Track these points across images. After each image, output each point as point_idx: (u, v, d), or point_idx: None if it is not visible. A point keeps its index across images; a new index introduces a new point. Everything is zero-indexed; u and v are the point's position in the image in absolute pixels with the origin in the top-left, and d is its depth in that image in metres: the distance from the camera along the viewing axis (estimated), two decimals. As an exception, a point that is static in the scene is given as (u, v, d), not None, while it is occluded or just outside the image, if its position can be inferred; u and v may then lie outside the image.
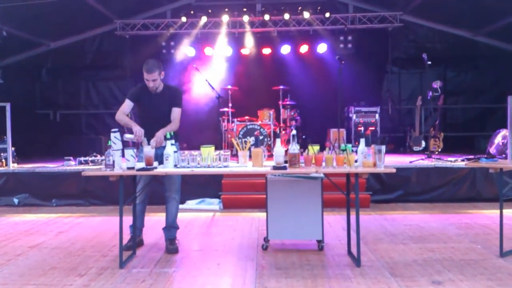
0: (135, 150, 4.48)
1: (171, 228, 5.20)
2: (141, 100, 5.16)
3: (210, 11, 11.57)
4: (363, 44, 11.83)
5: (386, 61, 12.16)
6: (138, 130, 4.84)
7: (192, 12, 11.71)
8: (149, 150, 4.47)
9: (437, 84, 9.27)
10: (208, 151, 4.49)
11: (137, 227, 5.13)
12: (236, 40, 11.90)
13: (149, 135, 4.81)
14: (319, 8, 11.55)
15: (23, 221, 6.85)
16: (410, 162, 8.23)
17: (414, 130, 10.30)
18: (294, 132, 4.62)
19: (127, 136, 4.90)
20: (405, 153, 10.39)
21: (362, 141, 4.39)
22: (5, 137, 8.45)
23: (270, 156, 5.23)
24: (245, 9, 11.52)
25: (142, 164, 4.48)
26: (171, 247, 5.06)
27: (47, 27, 10.90)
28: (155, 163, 4.58)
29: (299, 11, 11.42)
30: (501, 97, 11.70)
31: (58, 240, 5.64)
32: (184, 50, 11.86)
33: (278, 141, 4.46)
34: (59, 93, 12.89)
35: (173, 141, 4.57)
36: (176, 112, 5.15)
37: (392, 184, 7.83)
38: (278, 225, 5.00)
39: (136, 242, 5.06)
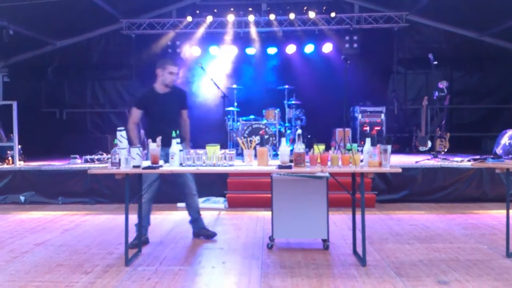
0: (141, 149, 4.48)
1: (198, 219, 5.50)
2: (149, 104, 5.28)
3: (215, 10, 11.57)
4: (369, 44, 11.78)
5: (392, 61, 12.11)
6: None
7: (197, 11, 11.72)
8: (154, 148, 4.48)
9: (443, 84, 9.25)
10: (213, 150, 4.50)
11: (143, 226, 5.18)
12: (242, 39, 11.89)
13: (163, 137, 4.83)
14: (324, 8, 11.53)
15: (29, 218, 6.88)
16: (416, 162, 8.21)
17: (420, 130, 10.27)
18: (299, 131, 4.62)
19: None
20: (411, 153, 10.36)
21: (368, 140, 4.39)
22: (11, 135, 8.50)
23: (276, 155, 5.25)
24: (250, 9, 11.51)
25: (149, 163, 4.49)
26: (209, 232, 5.47)
27: (53, 26, 10.93)
28: (161, 162, 4.59)
29: (304, 10, 11.40)
30: (508, 98, 11.70)
31: (64, 237, 5.67)
32: (190, 50, 11.86)
33: (283, 140, 4.47)
34: (65, 92, 12.91)
35: (178, 140, 4.58)
36: (186, 114, 5.46)
37: (397, 184, 7.81)
38: (283, 224, 5.00)
39: (141, 240, 5.08)
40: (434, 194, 7.78)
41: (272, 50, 12.02)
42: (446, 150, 9.48)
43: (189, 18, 11.47)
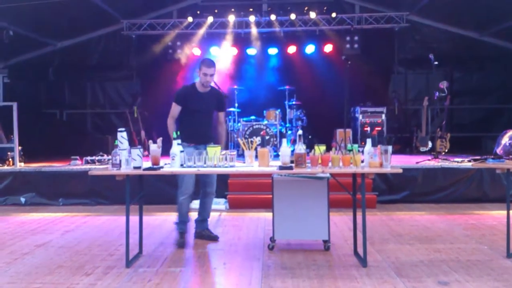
0: (141, 150, 4.48)
1: (206, 220, 5.54)
2: (188, 100, 5.34)
3: (216, 11, 11.58)
4: (370, 44, 11.79)
5: (392, 61, 12.12)
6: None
7: (198, 12, 11.73)
8: (155, 149, 4.48)
9: (443, 85, 9.24)
10: (214, 151, 4.50)
11: (185, 222, 5.35)
12: (242, 40, 11.90)
13: (196, 134, 4.98)
14: (325, 8, 11.54)
15: (29, 220, 6.88)
16: (417, 162, 8.21)
17: (421, 131, 10.27)
18: (300, 132, 4.62)
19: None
20: (412, 154, 10.36)
21: (369, 141, 4.38)
22: (12, 136, 8.49)
23: (276, 156, 5.26)
24: (251, 9, 11.52)
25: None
26: (212, 235, 5.49)
27: (53, 27, 10.94)
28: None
29: (305, 11, 11.41)
30: (508, 98, 11.71)
31: (64, 239, 5.67)
32: (191, 50, 11.86)
33: (284, 141, 4.46)
34: (66, 92, 12.93)
35: (179, 141, 4.57)
36: (222, 116, 5.61)
37: (398, 185, 7.81)
38: (284, 225, 5.00)
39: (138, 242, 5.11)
40: (435, 194, 7.78)
41: (273, 51, 12.05)
42: (446, 150, 9.48)
43: (190, 19, 11.47)
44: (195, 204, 5.72)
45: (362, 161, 4.42)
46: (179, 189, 5.28)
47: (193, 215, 5.66)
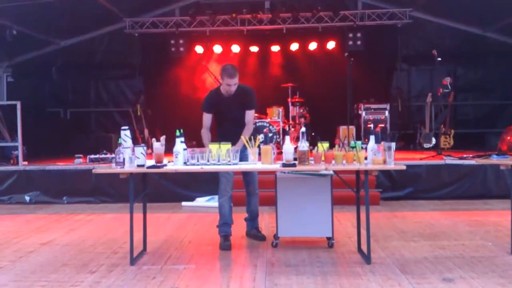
0: (145, 148, 4.49)
1: (255, 219, 5.55)
2: (214, 107, 5.27)
3: (219, 8, 11.57)
4: (373, 41, 11.75)
5: (395, 58, 12.08)
6: None
7: (200, 9, 11.72)
8: (158, 147, 4.49)
9: (447, 81, 9.22)
10: (216, 148, 4.50)
11: (230, 224, 5.27)
12: (245, 37, 11.89)
13: (227, 137, 4.84)
14: (328, 5, 11.50)
15: (34, 218, 6.91)
16: (420, 159, 8.20)
17: (424, 127, 10.26)
18: (303, 129, 4.62)
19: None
20: (415, 150, 10.35)
21: (372, 138, 4.38)
22: (16, 135, 8.51)
23: (280, 153, 5.25)
24: (253, 7, 11.50)
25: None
26: (259, 235, 5.43)
27: (57, 25, 10.95)
28: None
29: (308, 8, 11.37)
30: (512, 94, 11.66)
31: (69, 237, 5.68)
32: (193, 48, 11.86)
33: (287, 138, 4.47)
34: (69, 91, 12.95)
35: (182, 139, 4.58)
36: (249, 115, 5.28)
37: (402, 181, 7.79)
38: (287, 222, 5.00)
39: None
40: (439, 191, 7.76)
41: (275, 48, 12.03)
42: (450, 146, 9.47)
43: (192, 17, 11.46)
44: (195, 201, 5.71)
45: (366, 158, 4.41)
46: (219, 191, 5.27)
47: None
